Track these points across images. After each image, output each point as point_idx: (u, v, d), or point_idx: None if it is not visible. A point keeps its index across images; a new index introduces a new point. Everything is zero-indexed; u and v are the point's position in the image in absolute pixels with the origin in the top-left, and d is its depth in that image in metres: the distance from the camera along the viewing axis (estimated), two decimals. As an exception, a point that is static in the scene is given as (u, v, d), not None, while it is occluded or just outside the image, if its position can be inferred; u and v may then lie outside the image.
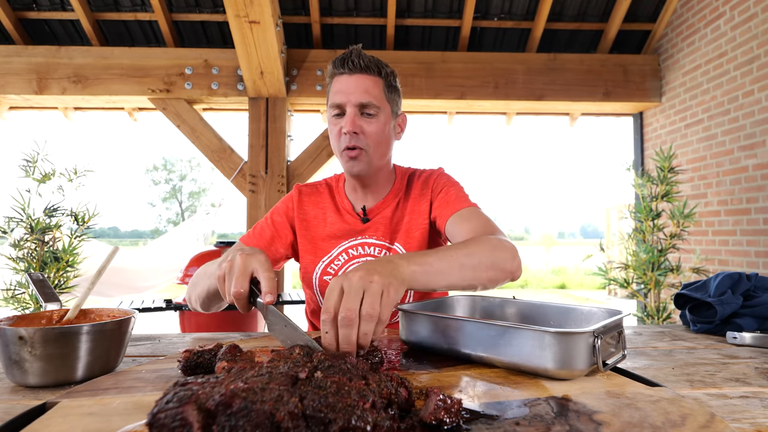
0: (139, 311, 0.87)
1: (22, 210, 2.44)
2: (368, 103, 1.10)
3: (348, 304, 0.65)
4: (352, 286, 0.67)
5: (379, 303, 0.67)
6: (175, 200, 37.07)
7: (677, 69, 3.82)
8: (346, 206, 1.24)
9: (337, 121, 1.13)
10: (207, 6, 3.81)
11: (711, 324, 1.02)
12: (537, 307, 0.86)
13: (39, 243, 2.47)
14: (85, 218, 2.58)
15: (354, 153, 1.11)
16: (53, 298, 0.82)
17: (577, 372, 0.61)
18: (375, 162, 1.15)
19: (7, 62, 3.73)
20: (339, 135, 1.12)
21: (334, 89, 1.14)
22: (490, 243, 0.92)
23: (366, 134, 1.11)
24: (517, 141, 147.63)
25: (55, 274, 2.49)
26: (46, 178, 2.55)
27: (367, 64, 1.12)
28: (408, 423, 0.46)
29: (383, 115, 1.14)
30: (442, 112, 4.41)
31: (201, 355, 0.63)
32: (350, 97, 1.10)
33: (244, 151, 3.82)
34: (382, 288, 0.68)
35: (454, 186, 1.20)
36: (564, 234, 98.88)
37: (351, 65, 1.11)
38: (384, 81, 1.15)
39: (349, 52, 1.13)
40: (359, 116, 1.11)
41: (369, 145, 1.12)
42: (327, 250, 1.20)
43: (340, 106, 1.11)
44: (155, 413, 0.38)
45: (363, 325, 0.65)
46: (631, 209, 3.37)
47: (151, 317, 6.60)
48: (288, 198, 1.28)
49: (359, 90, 1.10)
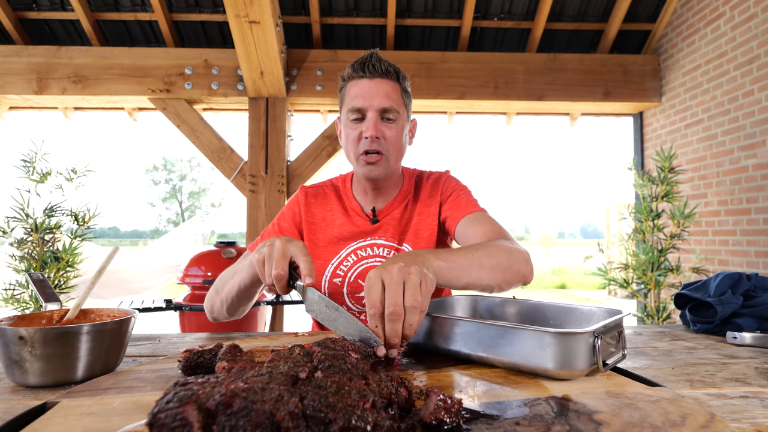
0: (139, 311, 0.87)
1: (21, 210, 2.45)
2: (390, 107, 1.10)
3: (393, 299, 0.68)
4: (393, 279, 0.69)
5: (420, 293, 0.69)
6: (175, 200, 37.06)
7: (677, 69, 3.82)
8: (354, 207, 1.23)
9: (356, 126, 1.12)
10: (207, 6, 3.81)
11: (711, 324, 1.02)
12: (537, 307, 0.86)
13: (39, 243, 2.47)
14: (86, 218, 2.59)
15: (374, 158, 1.11)
16: (53, 298, 0.82)
17: (578, 372, 0.61)
18: (392, 167, 1.15)
19: (7, 62, 3.73)
20: (358, 139, 1.11)
21: (352, 93, 1.12)
22: (507, 247, 0.95)
23: (387, 139, 1.11)
24: (517, 141, 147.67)
25: (55, 274, 2.50)
26: (44, 178, 2.55)
27: (387, 69, 1.12)
28: (408, 423, 0.46)
29: (401, 120, 1.14)
30: (442, 112, 4.41)
31: (201, 355, 0.63)
32: (372, 101, 1.09)
33: (244, 151, 3.82)
34: (421, 278, 0.71)
35: (464, 190, 1.22)
36: (564, 234, 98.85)
37: (372, 69, 1.11)
38: (401, 86, 1.15)
39: (369, 56, 1.13)
40: (380, 121, 1.11)
41: (389, 150, 1.12)
42: (336, 253, 1.20)
43: (361, 110, 1.10)
44: (155, 413, 0.38)
45: (408, 316, 0.67)
46: (631, 209, 3.37)
47: (151, 317, 6.60)
48: (294, 201, 1.27)
49: (380, 95, 1.10)
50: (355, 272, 1.18)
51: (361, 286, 1.17)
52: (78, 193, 2.65)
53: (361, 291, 1.17)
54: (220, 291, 1.05)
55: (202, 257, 3.14)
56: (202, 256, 3.15)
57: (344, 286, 1.18)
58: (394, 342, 0.68)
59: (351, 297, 1.18)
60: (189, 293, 3.09)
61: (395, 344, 0.68)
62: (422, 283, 0.71)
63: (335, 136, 3.87)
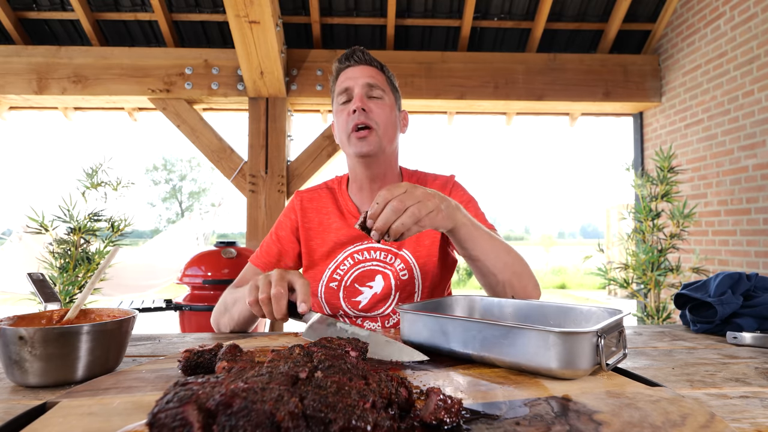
0: (139, 311, 0.87)
1: (68, 211, 2.60)
2: (375, 84, 1.14)
3: (404, 198, 0.79)
4: (414, 193, 0.81)
5: (425, 214, 0.80)
6: (175, 200, 37.07)
7: (677, 69, 3.82)
8: (350, 209, 1.22)
9: (345, 107, 1.14)
10: (207, 6, 3.81)
11: (711, 324, 1.01)
12: (536, 307, 0.86)
13: (78, 244, 2.59)
14: (120, 226, 2.78)
15: (364, 133, 1.11)
16: (53, 298, 0.82)
17: (581, 372, 0.61)
18: (384, 144, 1.14)
19: (7, 62, 3.73)
20: (347, 117, 1.12)
21: (340, 79, 1.17)
22: (526, 262, 1.03)
23: (374, 113, 1.12)
24: (517, 141, 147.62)
25: (83, 275, 2.60)
26: (96, 186, 2.74)
27: (370, 59, 1.18)
28: (408, 423, 0.46)
29: (389, 99, 1.17)
30: (442, 112, 4.41)
31: (201, 355, 0.63)
32: (357, 80, 1.13)
33: (244, 151, 3.82)
34: (434, 208, 0.82)
35: (471, 202, 1.21)
36: (564, 234, 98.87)
37: (356, 58, 1.16)
38: (385, 75, 1.20)
39: (352, 50, 1.18)
40: (367, 99, 1.13)
41: (378, 123, 1.12)
42: (333, 258, 1.19)
43: (348, 89, 1.14)
44: (155, 413, 0.38)
45: (403, 216, 0.78)
46: (630, 209, 3.37)
47: (151, 317, 6.60)
48: (290, 209, 1.26)
49: (365, 75, 1.14)
50: (351, 276, 1.17)
51: (358, 290, 1.17)
52: (117, 201, 2.83)
53: (357, 296, 1.17)
54: (223, 314, 1.08)
55: (202, 257, 3.14)
56: (202, 256, 3.15)
57: (340, 290, 1.17)
58: (379, 228, 0.78)
59: (347, 301, 1.17)
60: (189, 293, 3.09)
61: (379, 229, 0.78)
62: (434, 211, 0.82)
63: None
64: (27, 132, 78.39)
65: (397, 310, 1.10)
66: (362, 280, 1.17)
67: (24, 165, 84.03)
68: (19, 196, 75.00)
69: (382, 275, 1.16)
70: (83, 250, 2.59)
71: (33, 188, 75.03)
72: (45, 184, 77.75)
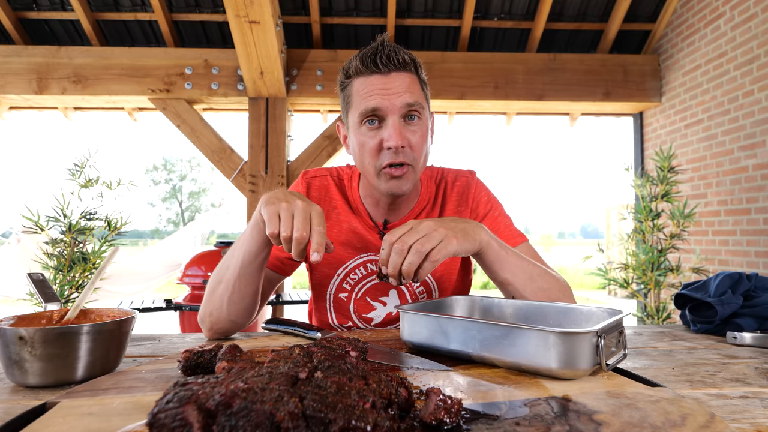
0: (139, 311, 0.87)
1: (61, 210, 2.55)
2: (414, 102, 0.92)
3: (406, 237, 0.77)
4: (418, 229, 0.78)
5: (433, 246, 0.77)
6: (175, 200, 37.06)
7: (677, 69, 3.82)
8: (359, 210, 1.09)
9: (374, 133, 0.93)
10: (207, 6, 3.81)
11: (711, 324, 1.01)
12: (536, 307, 0.85)
13: (72, 243, 2.56)
14: (117, 225, 2.73)
15: (401, 171, 0.93)
16: (53, 298, 0.82)
17: (582, 372, 0.61)
18: (417, 177, 0.99)
19: (7, 62, 3.74)
20: (378, 150, 0.93)
21: (363, 91, 0.93)
22: (563, 284, 0.95)
23: (413, 147, 0.94)
24: (517, 141, 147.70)
25: (80, 275, 2.57)
26: (89, 184, 2.67)
27: (403, 59, 0.93)
28: (408, 423, 0.46)
29: (425, 117, 0.97)
30: (442, 112, 4.41)
31: (201, 355, 0.63)
32: (392, 100, 0.91)
33: (244, 151, 3.82)
34: (443, 237, 0.78)
35: (498, 208, 1.10)
36: (564, 234, 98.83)
37: (386, 61, 0.91)
38: (419, 78, 0.98)
39: (380, 46, 0.93)
40: (403, 125, 0.93)
41: (416, 159, 0.95)
42: (344, 260, 1.07)
43: (379, 112, 0.92)
44: (155, 413, 0.38)
45: (409, 256, 0.76)
46: (630, 209, 3.37)
47: (151, 317, 6.60)
48: (297, 189, 1.12)
49: (401, 89, 0.92)
50: (363, 288, 1.08)
51: (370, 305, 1.09)
52: (114, 201, 2.78)
53: (369, 311, 1.09)
54: (216, 287, 0.92)
55: (202, 257, 3.14)
56: (202, 256, 3.15)
57: (351, 303, 1.09)
58: (390, 272, 0.77)
59: (358, 316, 1.09)
60: (189, 293, 3.09)
61: (391, 274, 0.77)
62: (443, 241, 0.77)
63: (335, 136, 3.87)
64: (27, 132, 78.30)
65: (396, 310, 1.09)
66: (374, 294, 1.09)
67: (24, 165, 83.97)
68: (19, 196, 74.87)
69: (396, 291, 1.09)
70: (79, 250, 2.56)
71: (33, 189, 74.95)
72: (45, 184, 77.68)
